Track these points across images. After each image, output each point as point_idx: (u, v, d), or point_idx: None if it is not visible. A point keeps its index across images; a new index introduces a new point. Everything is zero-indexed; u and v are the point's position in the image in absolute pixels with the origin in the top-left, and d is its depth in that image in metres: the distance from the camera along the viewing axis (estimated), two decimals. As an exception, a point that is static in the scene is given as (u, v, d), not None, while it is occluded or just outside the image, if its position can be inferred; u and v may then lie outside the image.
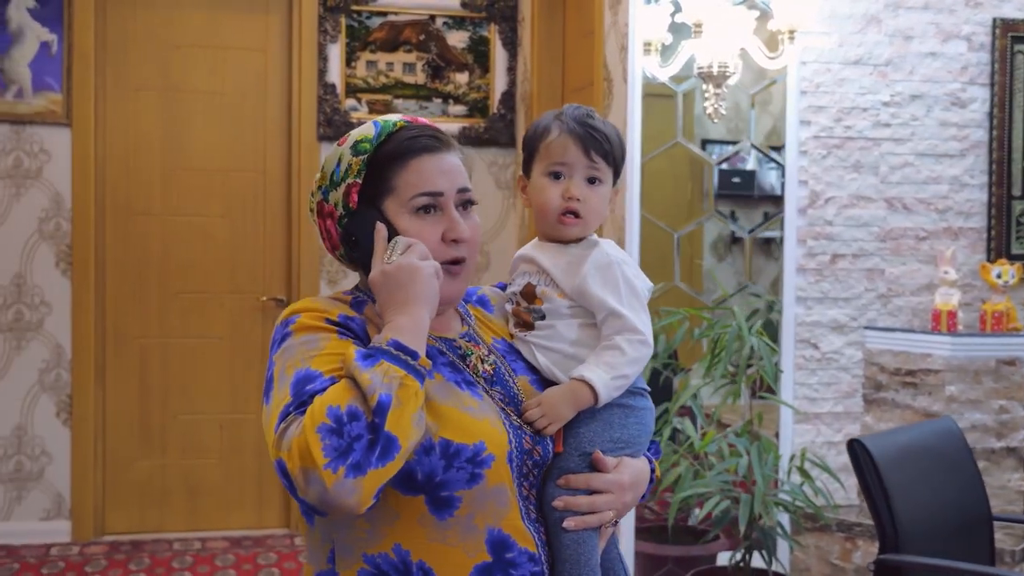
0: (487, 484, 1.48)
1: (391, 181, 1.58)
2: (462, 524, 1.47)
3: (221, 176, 5.17)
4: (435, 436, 1.45)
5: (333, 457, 1.32)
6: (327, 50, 5.13)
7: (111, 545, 5.01)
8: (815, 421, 4.14)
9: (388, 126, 1.61)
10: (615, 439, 1.63)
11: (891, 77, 4.14)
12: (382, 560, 1.48)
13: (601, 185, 1.70)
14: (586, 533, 1.56)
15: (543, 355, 1.67)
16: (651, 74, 4.00)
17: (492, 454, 1.49)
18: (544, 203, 1.70)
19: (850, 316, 4.15)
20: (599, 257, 1.68)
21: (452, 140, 1.65)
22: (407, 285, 1.48)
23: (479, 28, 5.27)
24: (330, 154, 1.65)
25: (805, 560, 4.11)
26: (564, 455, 1.60)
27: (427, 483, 1.45)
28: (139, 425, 5.15)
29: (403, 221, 1.57)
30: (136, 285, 5.12)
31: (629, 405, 1.67)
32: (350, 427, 1.34)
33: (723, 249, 4.51)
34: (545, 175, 1.70)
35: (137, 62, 5.08)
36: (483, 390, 1.58)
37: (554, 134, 1.69)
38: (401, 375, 1.38)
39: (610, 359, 1.63)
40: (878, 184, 4.15)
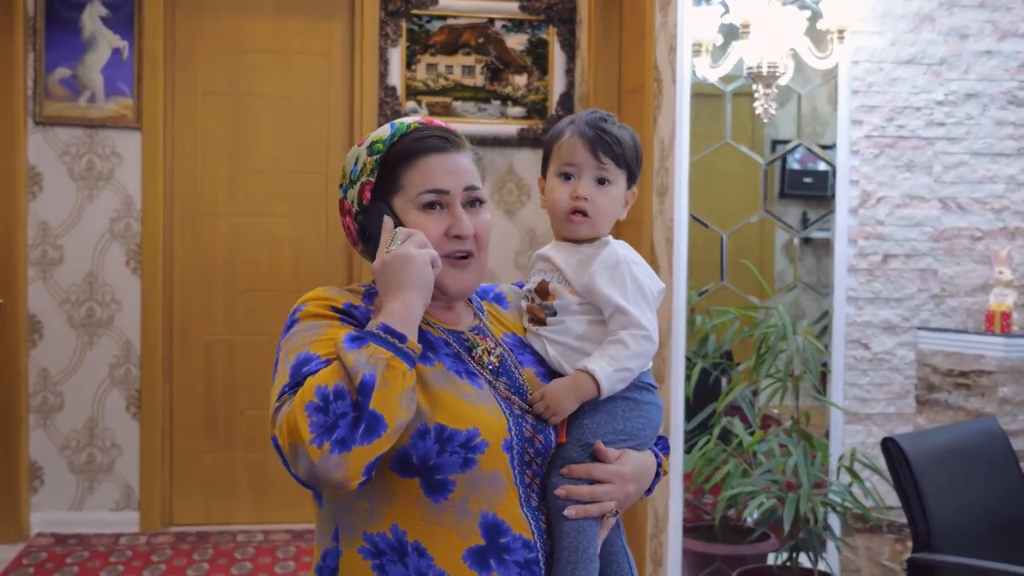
0: (480, 469, 1.54)
1: (400, 179, 1.66)
2: (456, 507, 1.54)
3: (286, 177, 5.30)
4: (430, 421, 1.52)
5: (318, 433, 1.39)
6: (388, 54, 5.23)
7: (177, 535, 5.17)
8: (866, 422, 4.12)
9: (402, 127, 1.69)
10: (618, 431, 1.68)
11: (945, 76, 4.11)
12: (380, 539, 1.55)
13: (611, 186, 1.76)
14: (586, 522, 1.61)
15: (552, 348, 1.73)
16: (701, 75, 4.03)
17: (486, 440, 1.55)
18: (555, 202, 1.76)
19: (902, 317, 4.12)
20: (608, 256, 1.74)
21: (463, 141, 1.72)
22: (401, 272, 1.55)
23: (537, 31, 5.33)
24: (350, 154, 1.73)
25: (855, 561, 4.09)
26: (567, 445, 1.66)
27: (422, 466, 1.52)
28: (205, 419, 5.30)
29: (410, 216, 1.65)
30: (203, 283, 5.27)
31: (634, 399, 1.71)
32: (335, 405, 1.41)
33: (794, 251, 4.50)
34: (556, 175, 1.77)
35: (205, 67, 5.23)
36: (485, 381, 1.64)
37: (566, 136, 1.76)
38: (387, 356, 1.45)
39: (614, 352, 1.68)
40: (932, 184, 4.12)
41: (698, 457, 3.92)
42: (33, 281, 5.10)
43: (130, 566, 4.73)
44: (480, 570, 1.54)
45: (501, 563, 1.55)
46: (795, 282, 4.31)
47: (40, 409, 5.13)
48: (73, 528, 5.14)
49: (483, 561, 1.54)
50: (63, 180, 5.09)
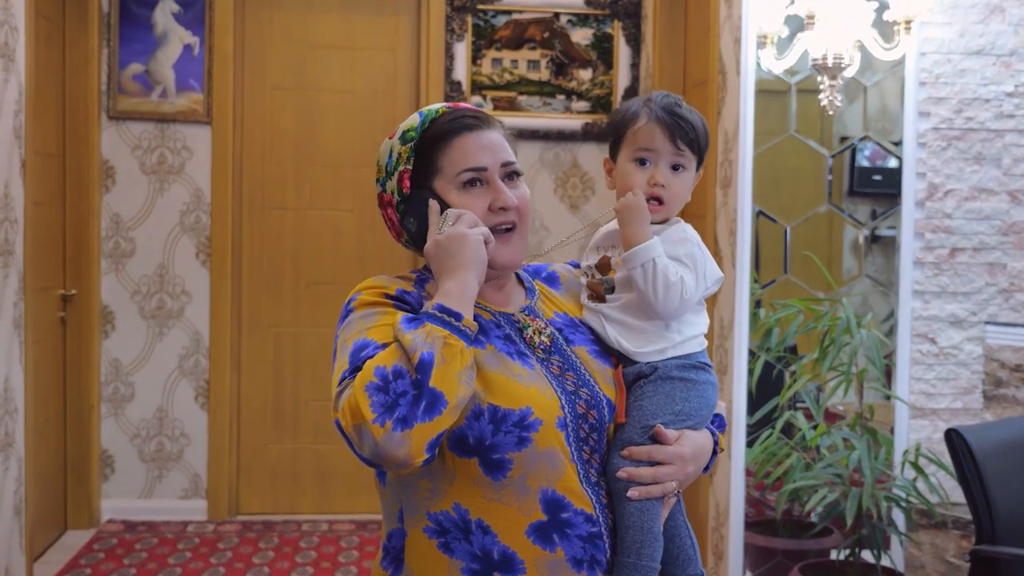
0: (536, 447, 1.56)
1: (438, 162, 1.69)
2: (516, 485, 1.56)
3: (351, 172, 5.36)
4: (483, 402, 1.55)
5: (380, 412, 1.43)
6: (453, 48, 5.27)
7: (244, 524, 5.25)
8: (932, 417, 4.07)
9: (431, 113, 1.73)
10: (676, 412, 1.69)
11: (1015, 67, 4.04)
12: (443, 518, 1.58)
13: (684, 172, 1.77)
14: (649, 502, 1.62)
15: (611, 327, 1.74)
16: (767, 67, 4.01)
17: (539, 419, 1.57)
18: (629, 188, 1.76)
19: (969, 311, 4.07)
20: (676, 232, 1.76)
21: (493, 118, 1.75)
22: (456, 252, 1.58)
23: (603, 25, 5.34)
24: (382, 147, 1.76)
25: (920, 557, 4.05)
26: (627, 426, 1.67)
27: (478, 446, 1.55)
28: (272, 410, 5.38)
29: (452, 196, 1.67)
30: (270, 276, 5.35)
31: (691, 379, 1.72)
32: (395, 384, 1.44)
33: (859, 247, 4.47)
34: (632, 160, 1.77)
35: (273, 63, 5.31)
36: (537, 360, 1.67)
37: (642, 121, 1.76)
38: (444, 335, 1.49)
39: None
40: (1001, 176, 4.06)
41: (760, 451, 3.91)
42: (106, 273, 5.21)
43: (197, 553, 4.81)
44: (544, 545, 1.56)
45: (564, 537, 1.57)
46: (860, 275, 4.27)
47: (111, 399, 5.25)
48: (143, 516, 5.25)
49: (546, 536, 1.56)
50: (135, 174, 5.20)
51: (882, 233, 4.44)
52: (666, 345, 1.72)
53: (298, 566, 4.69)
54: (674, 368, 1.72)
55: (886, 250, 4.42)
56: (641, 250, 1.70)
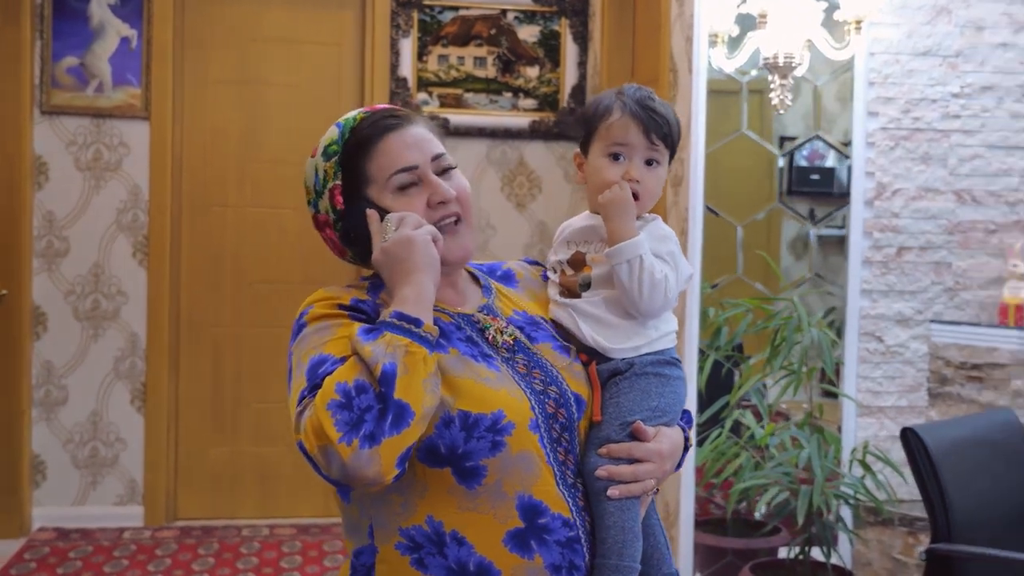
0: (510, 451, 1.51)
1: (366, 171, 1.63)
2: (491, 492, 1.51)
3: (295, 169, 5.22)
4: (452, 409, 1.49)
5: (345, 431, 1.37)
6: (399, 44, 5.20)
7: (182, 530, 5.13)
8: (879, 415, 4.09)
9: (349, 122, 1.67)
10: (653, 408, 1.66)
11: (961, 68, 4.08)
12: (416, 532, 1.52)
13: (658, 167, 1.73)
14: (629, 501, 1.59)
15: (585, 323, 1.70)
16: (717, 66, 4.00)
17: (512, 422, 1.52)
18: (602, 183, 1.72)
19: (916, 309, 4.09)
20: (656, 229, 1.72)
21: (414, 113, 1.70)
22: (406, 257, 1.53)
23: (550, 22, 5.31)
24: (307, 167, 1.71)
25: (867, 554, 4.06)
26: (604, 424, 1.63)
27: (451, 455, 1.49)
28: (212, 413, 5.27)
29: (389, 202, 1.62)
30: (211, 275, 5.24)
31: (665, 375, 1.70)
32: (359, 400, 1.39)
33: (801, 247, 4.48)
34: (605, 155, 1.73)
35: (214, 56, 5.20)
36: (501, 361, 1.62)
37: (616, 115, 1.71)
38: (405, 343, 1.43)
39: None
40: (947, 176, 4.09)
41: (710, 450, 3.89)
42: (38, 272, 5.06)
43: (134, 561, 4.69)
44: (522, 553, 1.51)
45: (542, 544, 1.52)
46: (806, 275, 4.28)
47: (43, 402, 5.09)
48: (76, 523, 5.10)
49: (524, 543, 1.51)
50: (69, 170, 5.06)
51: (820, 232, 4.46)
52: (642, 342, 1.69)
53: (239, 572, 4.59)
54: (649, 364, 1.68)
55: (825, 249, 4.44)
56: (628, 246, 1.66)
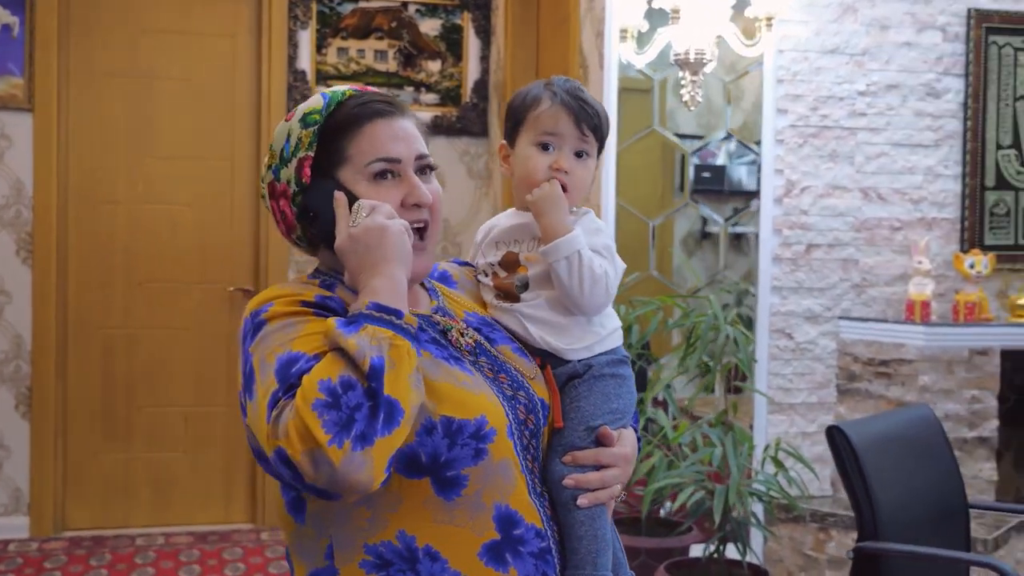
0: (492, 459, 1.43)
1: (345, 150, 1.52)
2: (470, 503, 1.42)
3: (188, 164, 5.08)
4: (435, 415, 1.40)
5: (336, 432, 1.26)
6: (297, 36, 5.05)
7: (71, 541, 4.91)
8: (789, 412, 4.11)
9: (337, 95, 1.56)
10: (613, 410, 1.60)
11: (867, 66, 4.12)
12: (385, 548, 1.41)
13: (588, 159, 1.68)
14: (598, 508, 1.53)
15: (534, 326, 1.63)
16: (627, 61, 3.97)
17: (494, 428, 1.44)
18: (530, 173, 1.65)
19: (824, 306, 4.13)
20: (589, 222, 1.66)
21: (405, 105, 1.59)
22: (376, 246, 1.42)
23: (452, 16, 5.22)
24: (278, 131, 1.58)
25: (779, 551, 4.08)
26: (567, 430, 1.57)
27: (432, 464, 1.40)
28: (102, 418, 5.05)
29: (361, 189, 1.51)
30: (100, 274, 5.02)
31: (620, 375, 1.64)
32: (347, 397, 1.28)
33: (693, 244, 4.48)
34: (533, 145, 1.66)
35: (103, 47, 4.98)
36: (470, 364, 1.53)
37: (545, 104, 1.65)
38: (389, 335, 1.33)
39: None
40: (854, 174, 4.13)
41: (624, 449, 3.85)
42: (-86, 271, 4.79)
43: (21, 574, 4.47)
44: (497, 566, 1.42)
45: (517, 556, 1.44)
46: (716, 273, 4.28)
47: (-79, 408, 4.83)
48: (-42, 534, 4.85)
49: (499, 556, 1.43)
50: (-53, 164, 4.80)
51: (711, 230, 4.47)
52: (594, 340, 1.63)
53: (135, 583, 4.41)
54: (606, 365, 1.63)
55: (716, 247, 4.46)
56: (564, 242, 1.58)
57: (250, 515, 5.19)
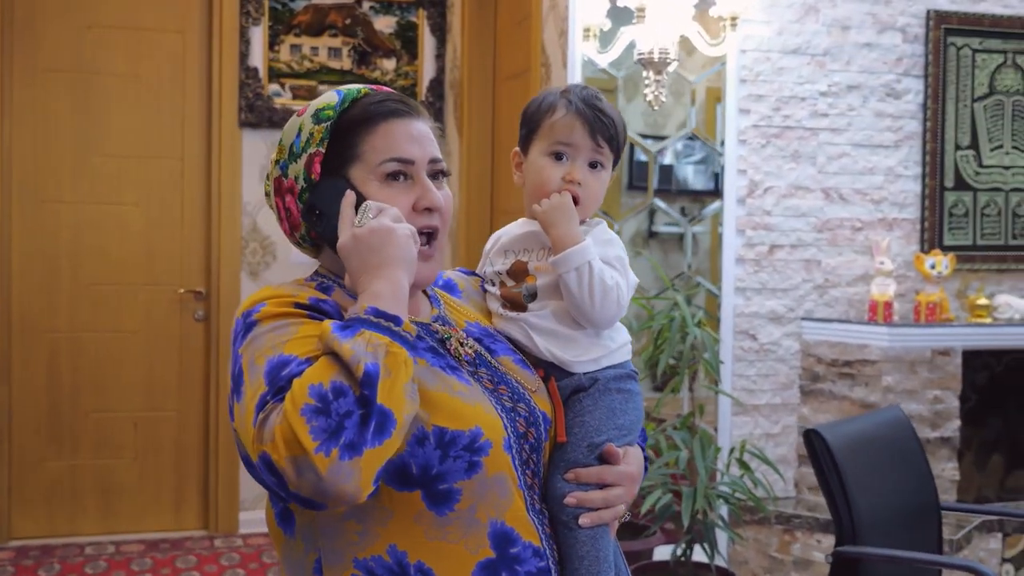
0: (486, 473, 1.37)
1: (357, 147, 1.47)
2: (463, 518, 1.36)
3: (136, 163, 4.95)
4: (427, 425, 1.34)
5: (324, 439, 1.20)
6: (249, 33, 4.95)
7: (18, 551, 4.76)
8: (753, 413, 4.10)
9: (352, 92, 1.51)
10: (619, 426, 1.55)
11: (829, 67, 4.12)
12: (376, 564, 1.35)
13: (602, 170, 1.64)
14: (601, 528, 1.48)
15: (540, 337, 1.58)
16: (588, 59, 3.93)
17: (489, 440, 1.38)
18: (542, 183, 1.61)
19: (788, 307, 4.12)
20: (601, 233, 1.62)
21: (421, 107, 1.55)
22: (380, 248, 1.36)
23: (407, 13, 5.14)
24: (288, 126, 1.52)
25: (743, 553, 4.07)
26: (570, 446, 1.51)
27: (423, 476, 1.34)
28: (48, 424, 4.91)
29: (371, 189, 1.46)
30: (45, 276, 4.88)
31: (628, 390, 1.59)
32: (337, 404, 1.22)
33: (641, 243, 4.45)
34: (546, 155, 1.62)
35: (46, 42, 4.83)
36: (468, 374, 1.47)
37: (560, 113, 1.61)
38: (386, 342, 1.27)
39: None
40: (816, 174, 4.13)
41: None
42: None
43: (-34, 585, 4.34)
44: None
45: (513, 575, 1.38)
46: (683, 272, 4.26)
47: None
48: (-102, 545, 4.69)
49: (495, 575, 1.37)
50: None
51: (659, 230, 4.46)
52: (601, 353, 1.58)
53: (86, 594, 4.29)
54: (612, 379, 1.58)
55: (664, 246, 4.45)
56: (575, 252, 1.54)
57: (202, 522, 5.08)
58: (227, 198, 4.93)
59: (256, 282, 4.99)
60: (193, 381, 5.04)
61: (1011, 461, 4.43)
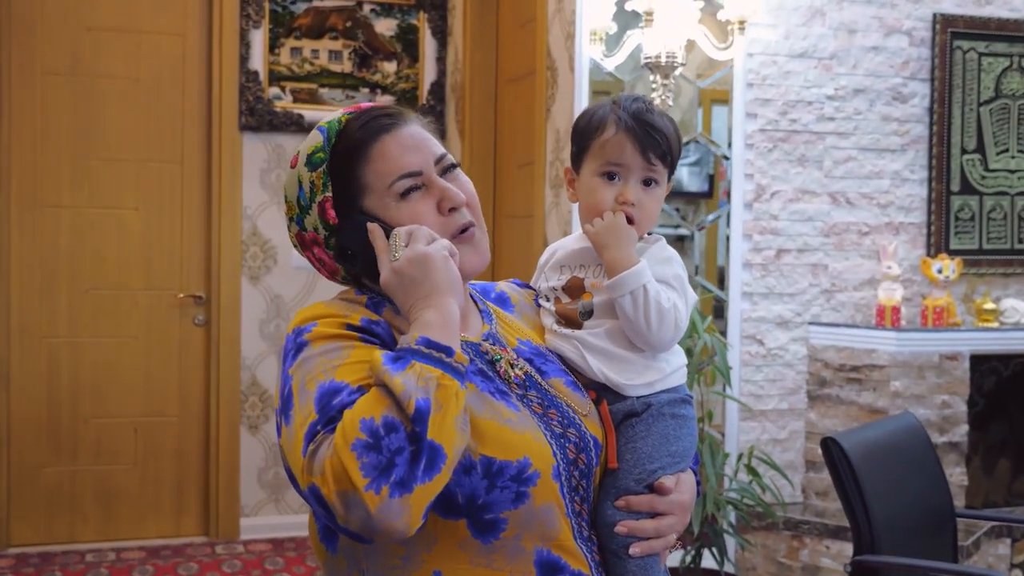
0: (534, 503, 1.34)
1: (361, 178, 1.44)
2: (509, 547, 1.33)
3: (136, 167, 4.91)
4: (475, 454, 1.31)
5: (374, 476, 1.18)
6: (250, 36, 4.91)
7: (17, 558, 4.72)
8: (760, 418, 4.09)
9: (334, 125, 1.47)
10: (673, 453, 1.50)
11: (835, 71, 4.11)
12: None
13: (657, 187, 1.58)
14: (651, 558, 1.44)
15: (594, 357, 1.53)
16: (595, 62, 3.91)
17: (537, 470, 1.35)
18: (595, 205, 1.56)
19: (795, 312, 4.11)
20: (659, 251, 1.58)
21: (406, 110, 1.51)
22: (423, 278, 1.34)
23: (408, 16, 5.11)
24: (287, 181, 1.50)
25: (751, 559, 4.06)
26: (621, 472, 1.47)
27: (469, 506, 1.31)
28: (47, 430, 4.86)
29: (391, 212, 1.43)
30: (44, 281, 4.83)
31: (682, 415, 1.54)
32: (388, 440, 1.20)
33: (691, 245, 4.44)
34: (598, 175, 1.57)
35: (45, 45, 4.79)
36: (518, 399, 1.44)
37: (610, 131, 1.55)
38: (437, 375, 1.24)
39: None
40: (822, 178, 4.12)
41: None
42: None
43: (-35, 593, 4.29)
44: None
45: None
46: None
47: None
48: None
49: None
50: None
51: (665, 233, 4.44)
52: (656, 377, 1.53)
53: (88, 603, 4.25)
54: (666, 404, 1.53)
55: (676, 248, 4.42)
56: (629, 276, 1.50)
57: (203, 528, 5.04)
58: (227, 202, 4.90)
59: (257, 287, 4.95)
60: (193, 386, 5.01)
61: (1018, 465, 4.42)
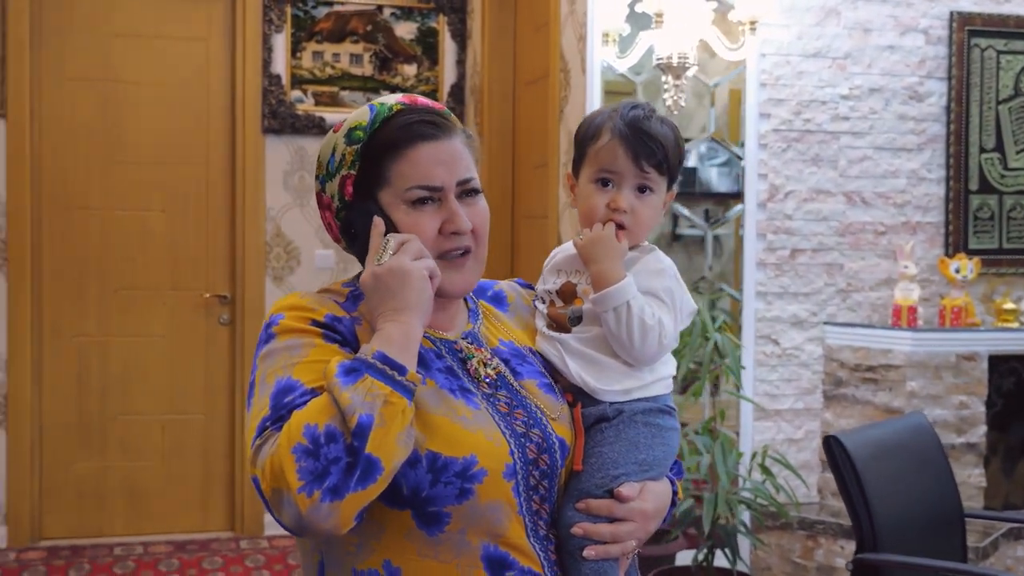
0: (479, 500, 1.37)
1: (386, 172, 1.47)
2: (454, 540, 1.37)
3: (162, 169, 5.00)
4: (422, 448, 1.35)
5: (308, 480, 1.24)
6: (272, 40, 4.98)
7: (49, 551, 4.83)
8: (775, 418, 4.10)
9: (383, 110, 1.49)
10: (640, 461, 1.51)
11: (850, 70, 4.11)
12: None
13: (652, 195, 1.59)
14: (607, 563, 1.45)
15: (573, 360, 1.56)
16: (607, 64, 3.93)
17: (484, 469, 1.38)
18: (589, 211, 1.59)
19: (810, 311, 4.11)
20: (652, 262, 1.58)
21: (454, 122, 1.53)
22: (397, 291, 1.38)
23: (427, 19, 5.16)
24: (325, 141, 1.54)
25: (766, 559, 4.07)
26: (584, 475, 1.49)
27: (413, 498, 1.36)
28: (77, 426, 4.97)
29: (399, 213, 1.47)
30: (74, 282, 4.94)
31: (656, 424, 1.55)
32: (327, 449, 1.25)
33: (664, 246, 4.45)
34: (592, 181, 1.59)
35: (75, 51, 4.89)
36: (482, 398, 1.47)
37: (604, 138, 1.57)
38: (386, 392, 1.29)
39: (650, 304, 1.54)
40: (837, 178, 4.12)
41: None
42: None
43: (-3, 586, 4.40)
44: None
45: None
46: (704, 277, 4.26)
47: None
48: (-69, 547, 4.76)
49: None
50: (-84, 171, 4.70)
51: (683, 232, 4.44)
52: (634, 385, 1.54)
53: (115, 597, 4.35)
54: (639, 412, 1.53)
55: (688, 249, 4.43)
56: (614, 292, 1.51)
57: (228, 523, 5.13)
58: (251, 203, 4.97)
59: (281, 287, 5.02)
60: (219, 384, 5.09)
61: (1037, 466, 4.40)
